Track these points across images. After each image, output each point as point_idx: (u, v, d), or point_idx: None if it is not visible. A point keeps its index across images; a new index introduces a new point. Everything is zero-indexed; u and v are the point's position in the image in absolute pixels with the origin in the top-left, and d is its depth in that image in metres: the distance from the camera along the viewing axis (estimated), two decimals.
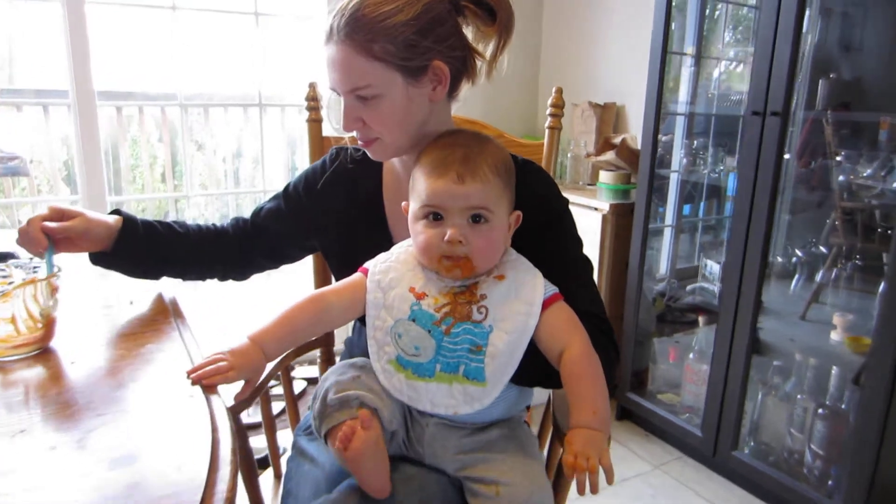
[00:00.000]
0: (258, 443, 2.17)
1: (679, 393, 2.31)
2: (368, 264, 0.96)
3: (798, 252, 2.02)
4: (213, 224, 1.16)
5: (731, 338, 1.99)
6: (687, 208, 2.56)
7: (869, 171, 1.85)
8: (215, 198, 3.54)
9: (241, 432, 1.20)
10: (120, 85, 2.90)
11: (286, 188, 1.16)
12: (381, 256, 0.97)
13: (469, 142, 0.94)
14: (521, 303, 0.89)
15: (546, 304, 0.90)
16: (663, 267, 2.65)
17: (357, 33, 0.90)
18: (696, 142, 2.36)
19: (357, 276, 0.96)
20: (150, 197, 3.36)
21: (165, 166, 3.23)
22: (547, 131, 1.30)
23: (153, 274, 1.12)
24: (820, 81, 1.89)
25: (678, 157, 2.37)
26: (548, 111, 1.30)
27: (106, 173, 2.41)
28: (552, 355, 0.89)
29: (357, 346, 1.18)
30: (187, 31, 2.56)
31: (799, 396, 1.94)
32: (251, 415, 2.37)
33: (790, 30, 1.73)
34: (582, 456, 0.77)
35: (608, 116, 2.77)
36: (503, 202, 0.92)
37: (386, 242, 1.06)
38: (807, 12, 1.75)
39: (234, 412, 0.95)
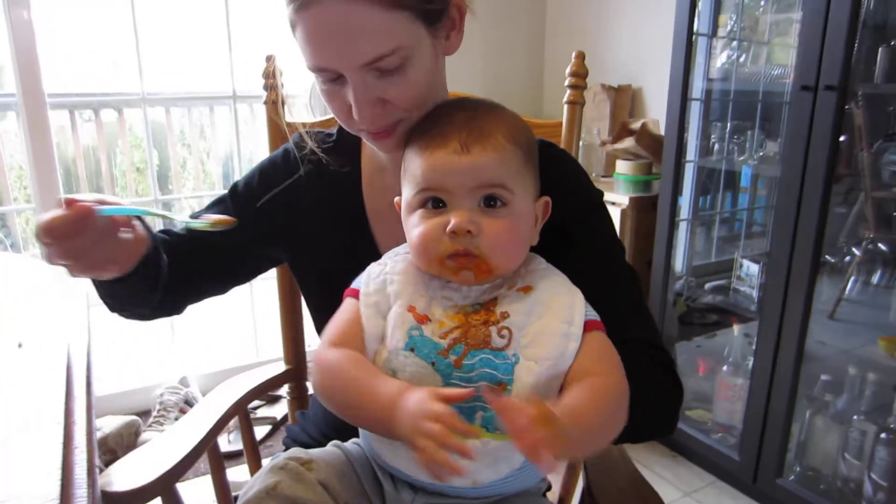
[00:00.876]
0: (239, 475, 1.91)
1: (711, 409, 2.04)
2: (358, 283, 0.73)
3: (854, 249, 1.75)
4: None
5: (775, 348, 1.72)
6: (702, 200, 2.31)
7: None
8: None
9: (217, 463, 1.00)
10: (82, 86, 2.65)
11: (234, 188, 0.91)
12: (373, 268, 0.74)
13: (475, 105, 0.71)
14: (555, 320, 0.66)
15: (584, 328, 0.67)
16: (679, 264, 2.41)
17: None
18: (717, 125, 2.09)
19: (347, 305, 0.72)
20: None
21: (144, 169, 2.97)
22: (566, 108, 1.03)
23: (167, 306, 0.88)
24: (879, 50, 1.62)
25: (701, 143, 2.10)
26: (567, 82, 1.03)
27: (60, 178, 2.16)
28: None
29: None
30: (150, 25, 2.29)
31: (855, 417, 1.67)
32: (232, 441, 2.12)
33: None
34: (542, 422, 0.51)
35: (623, 100, 2.51)
36: (526, 180, 0.69)
37: (369, 250, 0.83)
38: None
39: None
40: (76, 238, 0.61)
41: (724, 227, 2.38)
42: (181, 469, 0.86)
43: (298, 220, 0.88)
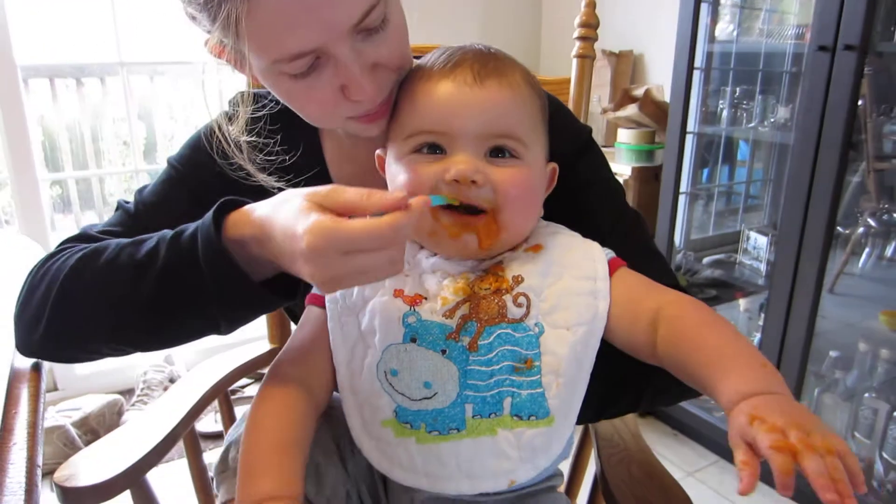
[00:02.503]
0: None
1: None
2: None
3: (870, 220, 1.68)
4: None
5: (784, 324, 1.65)
6: (700, 174, 2.23)
7: None
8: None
9: (194, 448, 0.92)
10: (61, 56, 2.51)
11: (171, 167, 0.75)
12: None
13: (484, 46, 0.61)
14: (576, 278, 0.57)
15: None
16: (678, 238, 2.34)
17: None
18: (725, 91, 2.00)
19: (308, 315, 0.62)
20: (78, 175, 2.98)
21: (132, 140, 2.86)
22: (575, 62, 0.94)
23: None
24: None
25: (706, 111, 2.01)
26: (575, 34, 0.94)
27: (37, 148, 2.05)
28: (638, 341, 0.55)
29: None
30: None
31: (866, 395, 1.61)
32: (218, 422, 2.04)
33: None
34: (797, 429, 0.39)
35: (624, 67, 2.41)
36: (540, 136, 0.60)
37: None
38: None
39: None
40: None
41: (721, 201, 2.31)
42: (153, 459, 0.77)
43: (247, 191, 0.70)
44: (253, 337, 1.13)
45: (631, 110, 2.08)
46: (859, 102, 1.49)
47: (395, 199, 0.47)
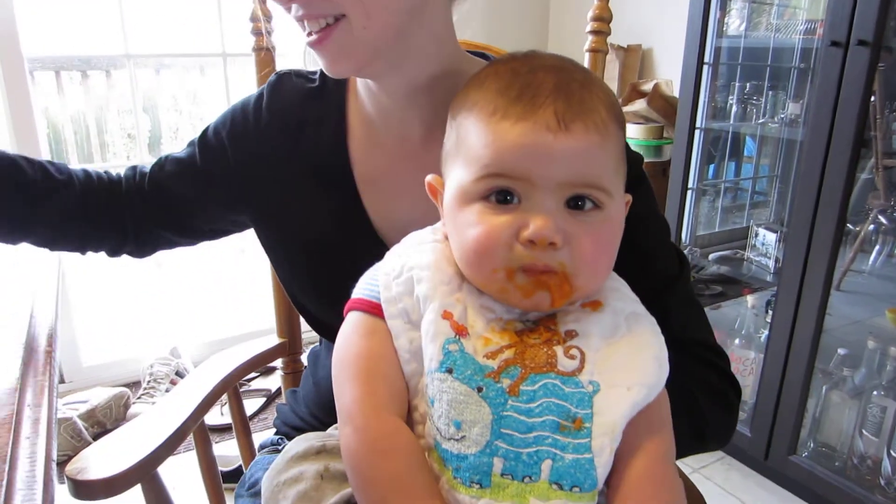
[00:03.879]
0: (229, 449, 1.85)
1: None
2: (367, 289, 0.55)
3: (881, 217, 1.67)
4: (107, 172, 0.79)
5: (792, 320, 1.65)
6: (706, 170, 2.22)
7: None
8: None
9: (204, 442, 0.92)
10: (67, 49, 2.51)
11: (204, 133, 0.78)
12: (389, 264, 0.56)
13: (563, 63, 0.54)
14: (643, 339, 0.53)
15: None
16: (684, 234, 2.33)
17: None
18: (735, 86, 1.98)
19: (361, 323, 0.54)
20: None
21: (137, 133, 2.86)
22: (587, 56, 0.93)
23: (10, 234, 0.72)
24: None
25: (715, 107, 1.99)
26: (588, 27, 0.93)
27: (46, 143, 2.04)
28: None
29: (324, 364, 0.84)
30: None
31: (875, 393, 1.60)
32: (224, 414, 2.05)
33: None
34: None
35: (632, 61, 2.40)
36: (621, 175, 0.54)
37: (357, 218, 0.71)
38: None
39: None
40: None
41: (728, 196, 2.30)
42: (164, 452, 0.78)
43: (268, 178, 0.74)
44: (262, 331, 1.13)
45: (639, 105, 2.07)
46: (871, 99, 1.47)
47: None
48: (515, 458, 0.47)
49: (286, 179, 0.74)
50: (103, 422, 1.97)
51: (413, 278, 0.53)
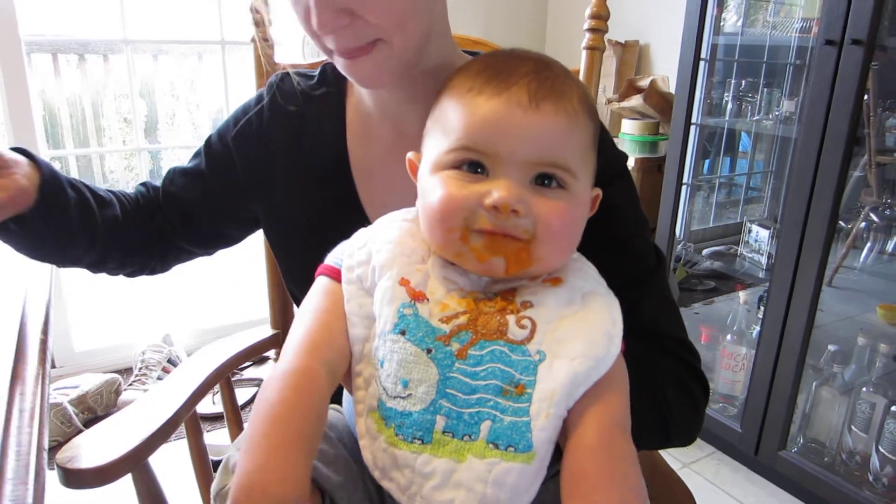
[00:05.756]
0: (221, 439, 1.85)
1: (712, 378, 1.99)
2: (335, 257, 0.59)
3: (872, 215, 1.68)
4: (122, 192, 0.80)
5: (784, 317, 1.66)
6: (701, 164, 2.22)
7: None
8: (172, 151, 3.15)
9: (196, 431, 0.93)
10: (65, 30, 2.50)
11: (208, 141, 0.81)
12: (357, 238, 0.59)
13: (542, 56, 0.57)
14: (596, 315, 0.54)
15: None
16: (678, 229, 2.34)
17: None
18: (730, 83, 1.99)
19: (322, 285, 0.57)
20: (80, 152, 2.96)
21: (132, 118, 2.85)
22: (584, 54, 0.94)
23: (65, 257, 0.74)
24: None
25: (712, 103, 2.00)
26: (586, 25, 0.93)
27: (42, 125, 2.03)
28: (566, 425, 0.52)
29: None
30: None
31: (864, 389, 1.62)
32: (216, 403, 2.05)
33: None
34: None
35: (629, 57, 2.40)
36: (589, 165, 0.56)
37: (352, 210, 0.73)
38: None
39: None
40: None
41: (722, 192, 2.31)
42: (155, 442, 0.78)
43: (271, 177, 0.77)
44: (255, 320, 1.13)
45: (635, 101, 2.07)
46: (864, 97, 1.48)
47: None
48: (457, 417, 0.49)
49: (288, 175, 0.76)
50: (94, 408, 1.97)
51: (372, 249, 0.56)
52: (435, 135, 0.57)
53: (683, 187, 2.07)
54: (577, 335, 0.52)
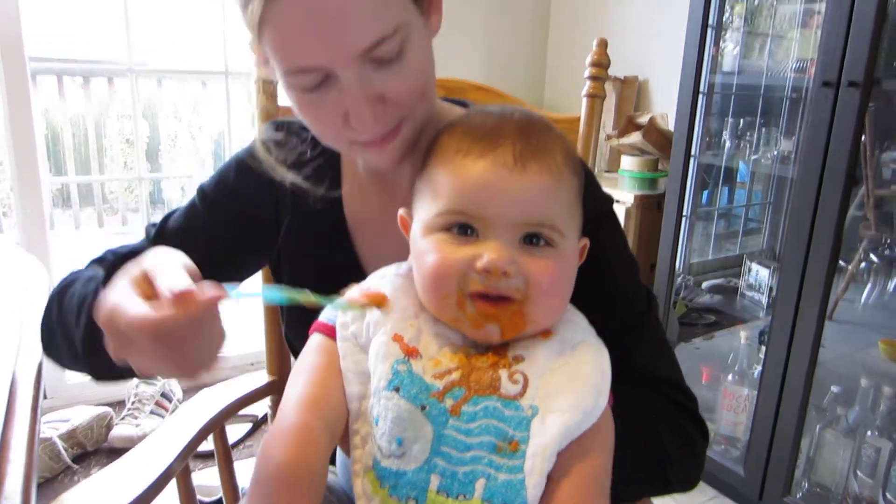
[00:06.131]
0: (209, 478, 1.82)
1: (714, 419, 1.97)
2: (329, 314, 0.59)
3: (872, 256, 1.67)
4: (132, 248, 0.78)
5: (786, 358, 1.64)
6: (699, 196, 2.23)
7: None
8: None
9: (186, 478, 0.90)
10: (70, 52, 2.51)
11: (202, 190, 0.78)
12: (350, 292, 0.60)
13: (526, 113, 0.58)
14: (585, 368, 0.55)
15: None
16: (678, 262, 2.33)
17: None
18: (728, 121, 2.00)
19: (317, 343, 0.57)
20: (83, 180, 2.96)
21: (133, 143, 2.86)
22: (585, 101, 0.94)
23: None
24: None
25: (711, 140, 2.01)
26: (586, 73, 0.94)
27: (43, 151, 2.02)
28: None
29: None
30: None
31: (868, 433, 1.59)
32: (207, 440, 2.01)
33: None
34: None
35: (629, 92, 2.41)
36: (575, 219, 0.57)
37: (350, 268, 0.73)
38: None
39: None
40: (197, 338, 0.49)
41: (721, 223, 2.31)
42: (147, 499, 0.76)
43: (271, 224, 0.77)
44: (250, 353, 1.11)
45: (635, 138, 2.08)
46: (862, 138, 1.48)
47: (175, 293, 0.47)
48: (452, 475, 0.50)
49: (282, 225, 0.76)
50: (83, 443, 1.94)
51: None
52: (425, 196, 0.57)
53: (683, 219, 2.08)
54: (567, 388, 0.52)
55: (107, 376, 0.67)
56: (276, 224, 0.77)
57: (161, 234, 0.76)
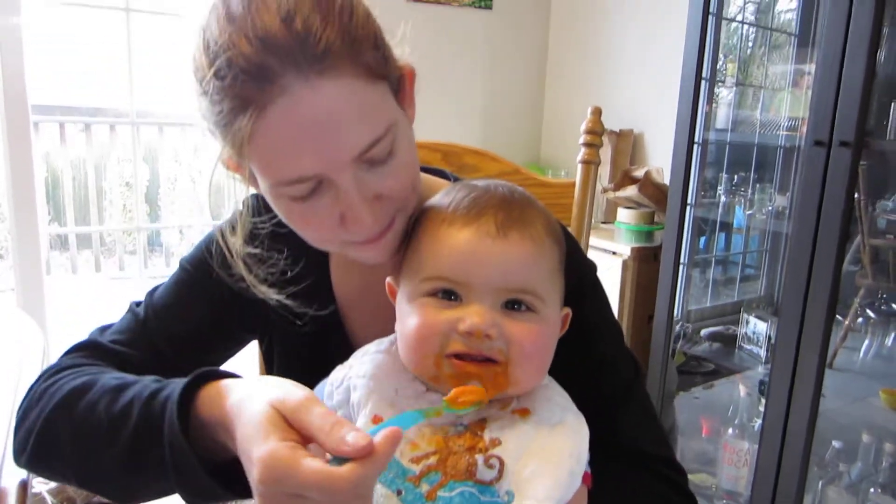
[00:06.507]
0: None
1: (715, 473, 1.94)
2: (319, 393, 0.59)
3: (869, 312, 1.68)
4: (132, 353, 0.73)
5: (786, 413, 1.63)
6: (695, 242, 2.24)
7: None
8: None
9: None
10: (73, 100, 2.56)
11: (185, 271, 0.75)
12: (335, 375, 0.60)
13: (507, 185, 0.61)
14: (562, 454, 0.54)
15: None
16: (675, 310, 2.33)
17: (341, 41, 0.52)
18: (723, 176, 2.03)
19: None
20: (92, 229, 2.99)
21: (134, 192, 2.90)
22: (580, 167, 0.96)
23: None
24: (893, 105, 1.57)
25: (705, 193, 2.03)
26: (581, 140, 0.96)
27: (42, 198, 2.05)
28: None
29: None
30: (142, 38, 2.20)
31: (872, 490, 1.58)
32: None
33: (865, 42, 1.40)
34: None
35: (624, 145, 2.45)
36: (557, 288, 0.58)
37: (337, 336, 0.73)
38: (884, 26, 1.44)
39: None
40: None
41: (718, 268, 2.32)
42: None
43: (257, 300, 0.72)
44: None
45: (631, 191, 2.10)
46: (856, 195, 1.51)
47: (355, 449, 0.43)
48: None
49: (270, 300, 0.72)
50: (73, 497, 1.90)
51: (350, 387, 0.57)
52: (411, 264, 0.59)
53: (681, 266, 2.09)
54: (543, 473, 0.52)
55: (141, 497, 0.60)
56: (263, 302, 0.73)
57: (147, 312, 0.73)
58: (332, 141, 0.53)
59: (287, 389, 0.50)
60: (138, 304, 0.75)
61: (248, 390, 0.51)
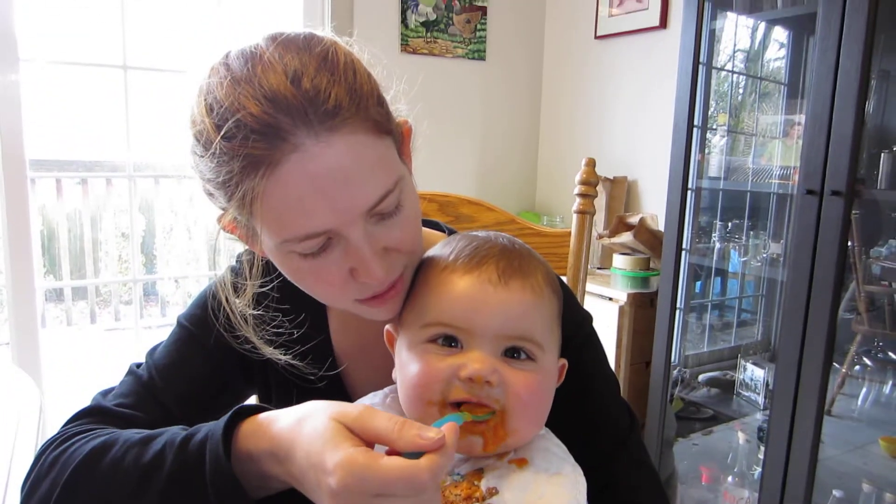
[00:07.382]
0: None
1: None
2: None
3: (866, 360, 1.68)
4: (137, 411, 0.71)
5: (785, 462, 1.62)
6: (691, 287, 2.25)
7: None
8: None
9: None
10: (69, 154, 2.59)
11: (184, 329, 0.74)
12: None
13: (508, 238, 0.62)
14: (559, 499, 0.54)
15: None
16: (673, 355, 2.33)
17: (349, 98, 0.53)
18: (717, 224, 2.06)
19: None
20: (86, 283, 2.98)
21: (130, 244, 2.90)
22: (575, 217, 0.97)
23: None
24: (882, 155, 1.60)
25: (700, 240, 2.05)
26: (576, 190, 0.97)
27: (38, 252, 2.05)
28: None
29: None
30: (139, 92, 2.24)
31: None
32: None
33: (853, 93, 1.44)
34: None
35: (618, 192, 2.48)
36: (555, 336, 0.59)
37: (337, 392, 0.73)
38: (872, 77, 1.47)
39: None
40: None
41: (714, 313, 2.32)
42: None
43: (256, 357, 0.72)
44: None
45: (626, 238, 2.12)
46: (849, 243, 1.53)
47: (431, 441, 0.45)
48: None
49: (277, 360, 0.72)
50: None
51: None
52: (411, 311, 0.60)
53: (677, 311, 2.09)
54: None
55: None
56: (266, 361, 0.73)
57: (151, 372, 0.71)
58: (344, 195, 0.53)
59: (341, 404, 0.50)
60: (138, 365, 0.74)
61: (300, 413, 0.52)
